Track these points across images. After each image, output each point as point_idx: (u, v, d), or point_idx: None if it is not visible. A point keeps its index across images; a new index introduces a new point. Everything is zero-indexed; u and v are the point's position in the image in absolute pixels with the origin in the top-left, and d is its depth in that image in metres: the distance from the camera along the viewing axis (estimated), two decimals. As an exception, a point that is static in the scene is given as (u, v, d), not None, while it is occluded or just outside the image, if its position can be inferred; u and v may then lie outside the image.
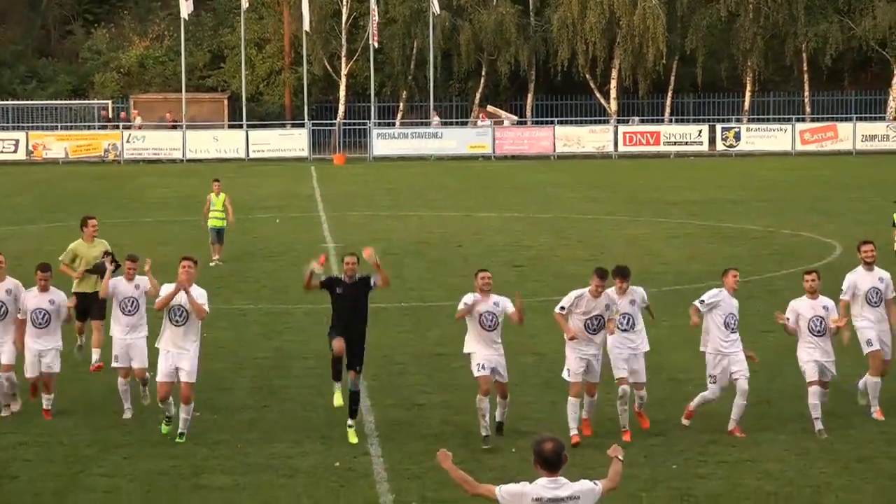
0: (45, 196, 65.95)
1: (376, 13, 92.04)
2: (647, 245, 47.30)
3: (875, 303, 24.25)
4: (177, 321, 23.18)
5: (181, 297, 23.16)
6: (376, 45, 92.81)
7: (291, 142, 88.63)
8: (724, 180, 70.59)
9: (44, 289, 24.92)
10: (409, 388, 26.97)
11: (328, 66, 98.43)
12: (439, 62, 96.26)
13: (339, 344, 22.64)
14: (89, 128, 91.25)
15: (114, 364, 24.73)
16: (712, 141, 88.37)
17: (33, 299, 24.79)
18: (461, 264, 43.15)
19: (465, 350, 23.21)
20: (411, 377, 27.97)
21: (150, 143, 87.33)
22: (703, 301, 23.59)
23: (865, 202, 58.75)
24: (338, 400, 23.06)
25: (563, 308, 22.93)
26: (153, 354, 24.01)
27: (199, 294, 23.38)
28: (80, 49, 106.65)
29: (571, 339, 22.77)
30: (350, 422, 22.66)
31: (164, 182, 72.73)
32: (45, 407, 24.53)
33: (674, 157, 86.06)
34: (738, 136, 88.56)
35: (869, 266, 24.49)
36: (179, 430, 23.08)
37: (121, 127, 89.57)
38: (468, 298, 22.79)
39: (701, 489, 20.38)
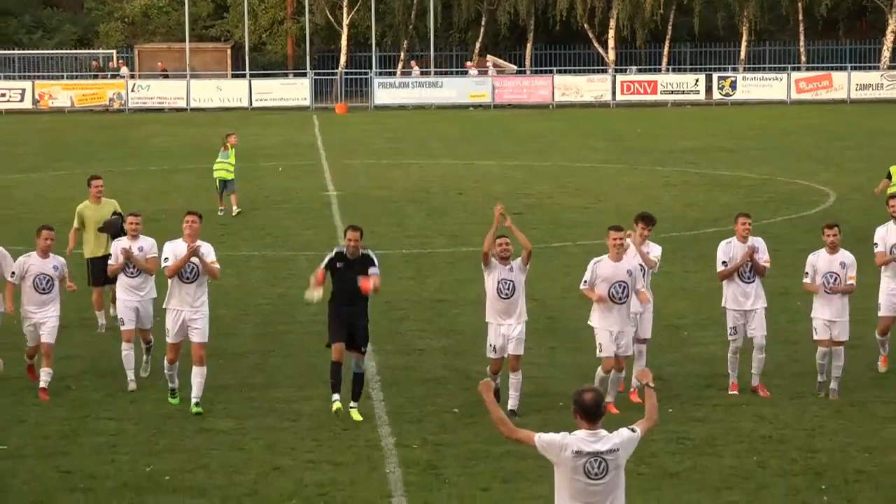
0: (50, 145, 65.92)
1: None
2: (645, 193, 47.31)
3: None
4: (187, 278, 21.80)
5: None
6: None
7: (294, 91, 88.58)
8: (720, 129, 70.60)
9: (45, 253, 23.21)
10: (410, 333, 27.06)
11: (330, 16, 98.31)
12: (439, 12, 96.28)
13: (337, 349, 20.97)
14: (94, 77, 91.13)
15: (121, 327, 23.34)
16: (709, 90, 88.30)
17: (35, 264, 23.05)
18: (461, 212, 43.26)
19: (486, 319, 21.68)
20: (412, 323, 28.04)
21: (154, 92, 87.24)
22: (724, 263, 22.37)
23: (860, 150, 58.79)
24: (336, 406, 20.93)
25: (585, 282, 21.66)
26: (160, 317, 23.32)
27: (208, 251, 22.06)
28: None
29: (600, 300, 21.26)
30: (353, 403, 21.09)
31: (169, 131, 72.71)
32: (41, 385, 22.73)
33: (671, 106, 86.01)
34: (734, 86, 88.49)
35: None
36: (195, 399, 21.74)
37: (120, 77, 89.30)
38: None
39: (696, 432, 20.49)
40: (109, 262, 23.70)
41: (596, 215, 42.36)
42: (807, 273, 22.14)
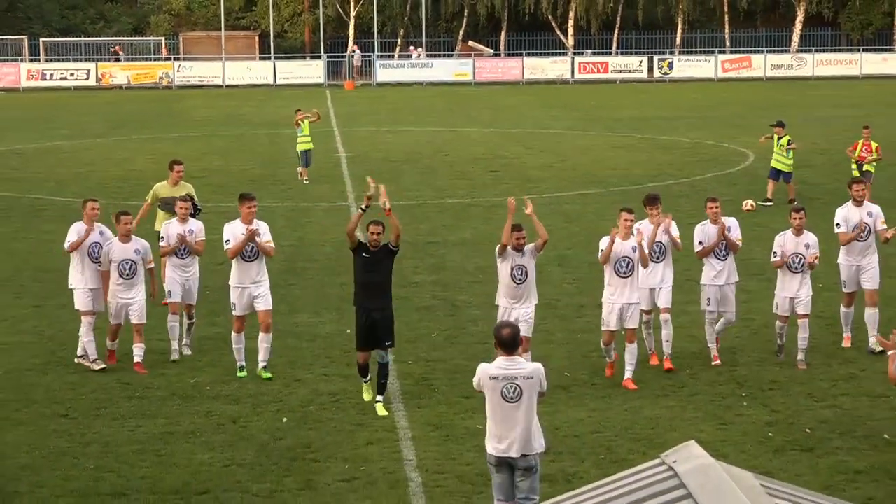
0: (111, 115, 65.78)
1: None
2: (598, 153, 47.32)
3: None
4: (248, 257, 19.77)
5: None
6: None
7: (310, 71, 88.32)
8: (659, 102, 70.54)
9: (127, 237, 20.44)
10: (405, 269, 26.99)
11: (339, 9, 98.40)
12: (430, 5, 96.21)
13: (363, 356, 18.24)
14: (146, 59, 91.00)
15: (168, 299, 21.18)
16: (650, 70, 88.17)
17: (117, 250, 20.31)
18: (448, 170, 43.27)
19: (497, 302, 19.12)
20: (407, 262, 27.96)
21: (196, 72, 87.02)
22: (700, 243, 20.13)
23: (774, 118, 58.57)
24: (367, 394, 18.27)
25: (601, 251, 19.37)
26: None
27: (264, 231, 20.07)
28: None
29: (605, 261, 19.09)
30: (379, 397, 18.13)
31: (208, 103, 72.54)
32: (136, 360, 20.20)
33: (619, 83, 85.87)
34: (671, 66, 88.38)
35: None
36: (262, 363, 19.65)
37: (170, 58, 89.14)
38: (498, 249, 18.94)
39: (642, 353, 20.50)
40: (161, 243, 21.13)
41: (558, 172, 42.45)
42: (775, 253, 19.95)
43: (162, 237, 21.22)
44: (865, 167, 33.93)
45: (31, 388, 19.47)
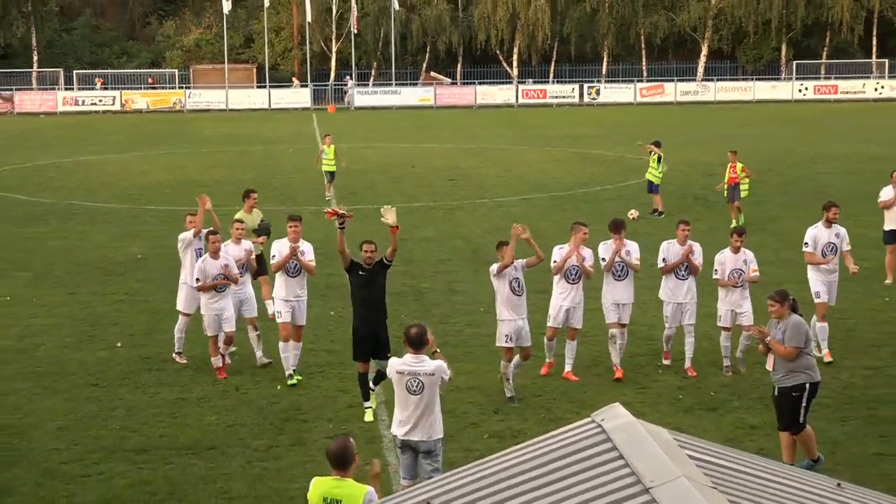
0: (133, 134, 65.47)
1: (355, 9, 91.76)
2: (539, 165, 47.38)
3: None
4: (292, 274, 18.18)
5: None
6: (356, 31, 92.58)
7: (299, 97, 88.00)
8: (589, 122, 70.72)
9: (216, 254, 18.47)
10: (380, 262, 26.98)
11: (323, 46, 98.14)
12: (398, 42, 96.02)
13: (363, 366, 16.43)
14: (162, 88, 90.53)
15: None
16: (581, 95, 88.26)
17: (211, 266, 18.32)
18: (414, 179, 43.25)
19: (497, 318, 17.31)
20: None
21: (204, 98, 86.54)
22: (663, 260, 18.51)
23: (683, 136, 59.01)
24: (369, 416, 16.30)
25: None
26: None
27: (308, 250, 18.42)
28: (155, 34, 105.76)
29: (557, 272, 17.89)
30: (368, 404, 16.45)
31: (214, 125, 72.24)
32: (224, 363, 18.74)
33: (555, 107, 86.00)
34: (598, 92, 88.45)
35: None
36: (293, 368, 18.15)
37: (180, 87, 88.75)
38: (493, 268, 17.41)
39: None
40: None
41: (505, 181, 42.46)
42: (716, 270, 18.21)
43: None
44: (742, 187, 32.34)
45: (66, 363, 19.40)
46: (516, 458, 6.43)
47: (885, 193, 24.65)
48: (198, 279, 18.32)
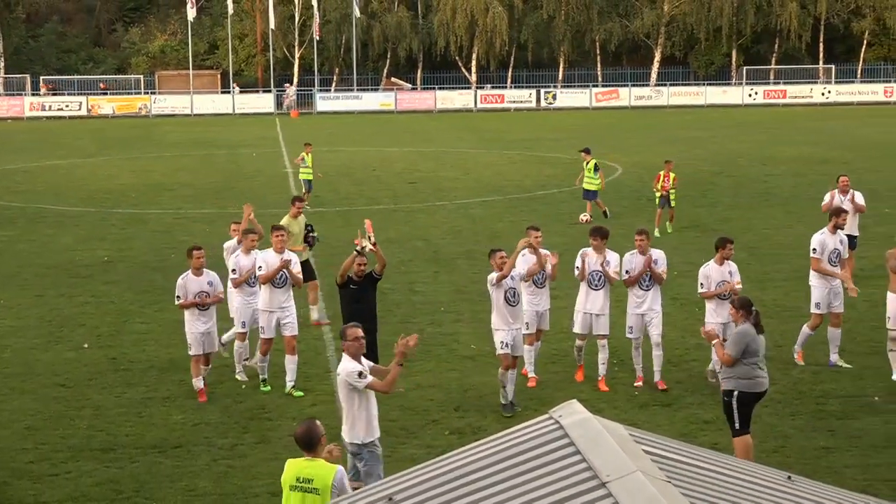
0: (99, 139, 65.06)
1: (318, 17, 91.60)
2: (497, 168, 47.43)
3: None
4: (278, 285, 17.51)
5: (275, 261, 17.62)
6: (318, 37, 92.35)
7: (263, 102, 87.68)
8: (545, 126, 70.87)
9: (199, 271, 17.36)
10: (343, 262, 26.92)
11: (286, 52, 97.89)
12: (359, 49, 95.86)
13: None
14: (128, 93, 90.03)
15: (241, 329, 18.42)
16: (538, 100, 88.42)
17: (193, 283, 17.26)
18: (375, 182, 43.20)
19: (493, 326, 16.65)
20: (344, 256, 27.93)
21: (169, 103, 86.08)
22: (627, 272, 17.55)
23: (637, 139, 59.26)
24: None
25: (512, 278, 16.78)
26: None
27: (294, 262, 17.77)
28: (121, 41, 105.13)
29: (502, 278, 16.25)
30: None
31: (179, 129, 71.90)
32: (205, 384, 17.46)
33: (513, 111, 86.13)
34: (555, 97, 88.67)
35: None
36: (291, 383, 17.46)
37: (148, 92, 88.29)
38: (491, 277, 16.48)
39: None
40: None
41: (464, 183, 42.49)
42: (701, 284, 17.24)
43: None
44: (671, 197, 31.17)
45: (34, 364, 19.26)
46: (476, 454, 6.43)
47: (829, 198, 24.67)
48: (178, 296, 17.33)
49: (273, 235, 17.91)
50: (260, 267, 17.65)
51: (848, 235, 23.47)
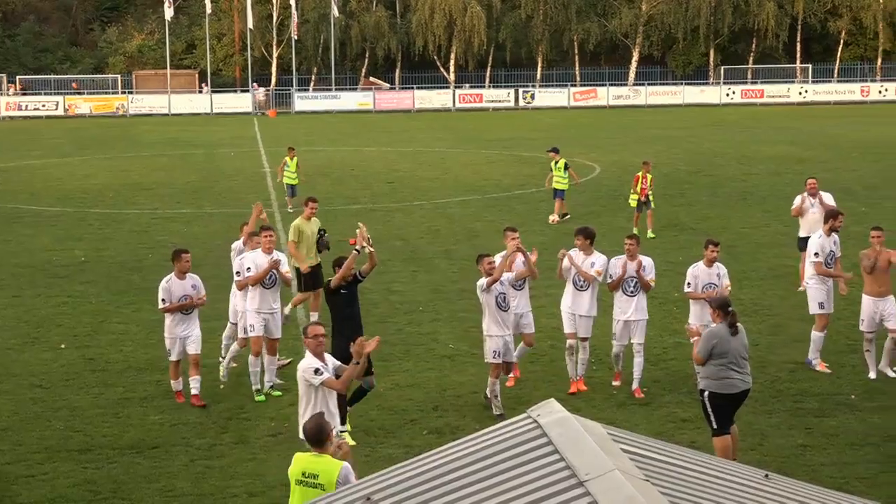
0: (77, 138, 64.81)
1: (296, 16, 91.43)
2: (475, 167, 47.44)
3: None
4: (268, 285, 17.28)
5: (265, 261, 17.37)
6: (296, 37, 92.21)
7: (240, 101, 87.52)
8: (523, 125, 70.91)
9: (184, 274, 16.90)
10: (322, 261, 26.92)
11: (264, 52, 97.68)
12: (338, 48, 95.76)
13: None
14: (105, 92, 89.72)
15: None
16: (516, 100, 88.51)
17: (177, 286, 16.84)
18: (354, 182, 43.15)
19: (485, 333, 16.20)
20: (323, 256, 27.98)
21: (146, 103, 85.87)
22: (611, 276, 17.23)
23: (615, 139, 59.35)
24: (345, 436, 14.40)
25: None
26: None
27: (283, 262, 17.57)
28: (98, 40, 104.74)
29: (492, 283, 15.89)
30: (347, 408, 15.27)
31: (156, 129, 71.70)
32: (194, 392, 16.92)
33: (491, 111, 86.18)
34: (533, 97, 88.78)
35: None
36: (269, 383, 17.35)
37: (125, 92, 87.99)
38: (481, 282, 16.03)
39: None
40: (252, 276, 17.30)
41: (442, 182, 42.50)
42: (689, 284, 17.13)
43: (249, 268, 17.41)
44: (651, 198, 30.81)
45: (10, 364, 19.16)
46: (454, 453, 6.42)
47: (798, 201, 24.49)
48: (163, 300, 16.86)
49: (262, 236, 17.67)
50: (248, 268, 17.35)
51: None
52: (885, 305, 17.66)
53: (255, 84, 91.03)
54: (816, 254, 18.39)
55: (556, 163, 33.59)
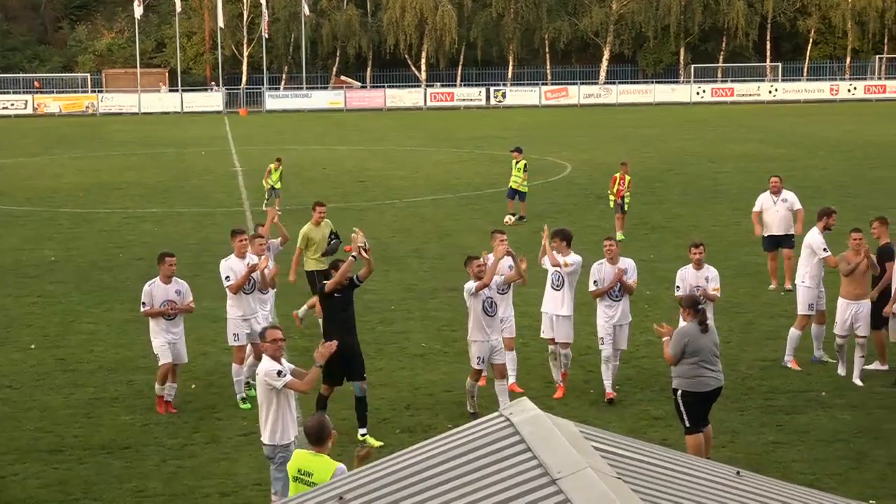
0: (45, 138, 64.47)
1: (266, 15, 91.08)
2: (446, 166, 47.45)
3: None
4: (247, 291, 16.97)
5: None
6: (267, 36, 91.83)
7: (211, 100, 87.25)
8: (495, 124, 70.93)
9: (169, 279, 16.56)
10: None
11: (235, 50, 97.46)
12: (308, 47, 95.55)
13: (329, 388, 15.39)
14: (74, 91, 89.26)
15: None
16: (488, 98, 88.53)
17: (160, 290, 16.45)
18: (325, 181, 43.08)
19: (469, 338, 15.86)
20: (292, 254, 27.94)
21: (116, 102, 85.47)
22: (595, 282, 16.93)
23: (586, 137, 59.45)
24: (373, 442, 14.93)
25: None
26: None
27: (259, 263, 17.10)
28: (67, 39, 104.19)
29: (482, 287, 15.51)
30: (363, 430, 15.29)
31: (126, 128, 71.37)
32: (167, 399, 16.60)
33: (463, 109, 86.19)
34: (504, 95, 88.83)
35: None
36: (248, 379, 16.86)
37: (95, 90, 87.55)
38: (469, 286, 15.65)
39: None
40: (234, 283, 16.97)
41: (414, 181, 42.49)
42: (678, 287, 16.99)
43: (227, 276, 17.04)
44: (626, 199, 30.15)
45: (-20, 365, 19.04)
46: (427, 452, 6.43)
47: (759, 204, 24.10)
48: (143, 303, 16.50)
49: (236, 240, 17.32)
50: (227, 277, 16.97)
51: (784, 235, 23.75)
52: (858, 309, 17.66)
53: (212, 83, 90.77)
54: (825, 249, 18.31)
55: (517, 163, 33.35)
